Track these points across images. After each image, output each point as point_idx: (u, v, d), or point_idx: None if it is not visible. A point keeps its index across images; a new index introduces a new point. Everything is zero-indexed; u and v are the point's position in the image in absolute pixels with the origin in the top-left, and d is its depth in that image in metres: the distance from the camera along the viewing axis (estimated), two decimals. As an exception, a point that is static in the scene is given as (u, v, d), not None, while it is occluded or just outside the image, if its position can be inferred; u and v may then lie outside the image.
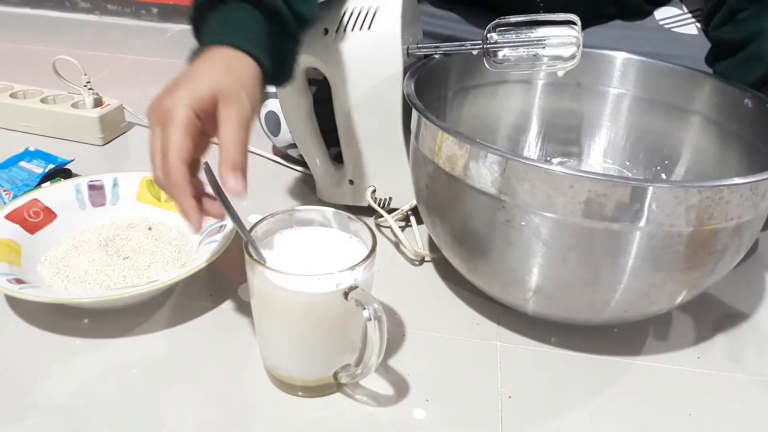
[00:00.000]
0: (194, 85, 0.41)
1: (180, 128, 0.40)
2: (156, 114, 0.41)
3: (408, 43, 0.59)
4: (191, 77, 0.42)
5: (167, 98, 0.40)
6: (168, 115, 0.40)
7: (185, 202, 0.41)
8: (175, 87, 0.41)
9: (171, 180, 0.40)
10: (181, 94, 0.40)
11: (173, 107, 0.40)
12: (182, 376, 0.47)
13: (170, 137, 0.40)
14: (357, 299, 0.40)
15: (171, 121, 0.40)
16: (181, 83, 0.41)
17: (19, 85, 0.85)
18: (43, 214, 0.58)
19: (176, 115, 0.40)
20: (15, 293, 0.47)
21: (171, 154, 0.40)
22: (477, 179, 0.44)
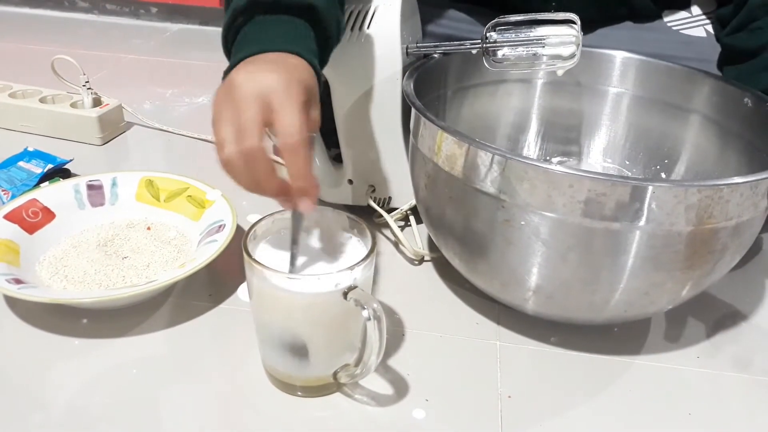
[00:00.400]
0: (300, 75, 0.40)
1: (302, 107, 0.39)
2: (262, 88, 0.39)
3: (407, 43, 0.58)
4: (289, 66, 0.41)
5: (275, 75, 0.39)
6: (285, 93, 0.39)
7: (311, 179, 0.40)
8: (275, 69, 0.40)
9: (300, 154, 0.38)
10: (293, 78, 0.39)
11: (291, 87, 0.39)
12: (182, 376, 0.47)
13: (295, 112, 0.38)
14: (356, 299, 0.40)
15: (291, 100, 0.38)
16: (280, 66, 0.40)
17: (18, 85, 0.85)
18: (42, 214, 0.58)
19: (298, 95, 0.39)
20: (14, 293, 0.47)
21: (301, 127, 0.38)
22: (476, 179, 0.44)
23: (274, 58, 0.42)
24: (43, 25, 1.30)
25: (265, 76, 0.39)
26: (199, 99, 0.97)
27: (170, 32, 1.30)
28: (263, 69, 0.40)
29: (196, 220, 0.59)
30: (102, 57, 1.12)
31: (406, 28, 0.58)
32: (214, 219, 0.58)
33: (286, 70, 0.40)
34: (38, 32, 1.26)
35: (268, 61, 0.42)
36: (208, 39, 1.28)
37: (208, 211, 0.59)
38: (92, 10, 1.36)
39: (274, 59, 0.42)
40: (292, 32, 0.45)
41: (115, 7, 1.35)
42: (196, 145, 0.82)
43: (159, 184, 0.62)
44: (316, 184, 0.41)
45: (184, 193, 0.61)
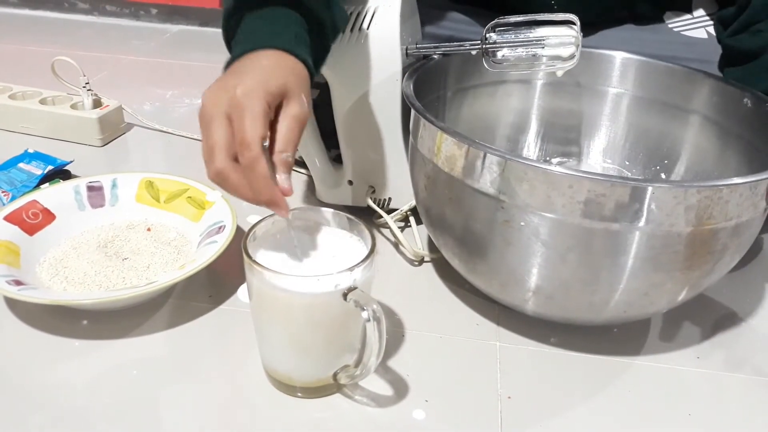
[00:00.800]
0: (265, 80, 0.41)
1: (260, 118, 0.39)
2: (223, 103, 0.40)
3: (407, 44, 0.59)
4: (258, 72, 0.41)
5: (237, 90, 0.39)
6: (243, 106, 0.39)
7: (271, 189, 0.40)
8: (240, 79, 0.40)
9: (256, 171, 0.39)
10: (254, 86, 0.40)
11: (248, 98, 0.39)
12: (182, 377, 0.47)
13: (250, 126, 0.39)
14: (356, 300, 0.40)
15: (248, 112, 0.39)
16: (248, 76, 0.41)
17: (18, 87, 0.85)
18: (42, 215, 0.58)
19: (254, 106, 0.39)
20: (14, 295, 0.47)
21: (254, 144, 0.39)
22: (476, 179, 0.44)
23: (246, 64, 0.42)
24: (43, 27, 1.30)
25: (224, 93, 0.40)
26: (199, 100, 0.96)
27: (170, 33, 1.30)
28: (225, 85, 0.41)
29: (196, 221, 0.59)
30: (102, 58, 1.12)
31: (405, 29, 0.58)
32: (214, 220, 0.58)
33: (250, 79, 0.40)
34: (38, 33, 1.26)
35: (235, 73, 0.42)
36: (208, 40, 1.28)
37: (208, 212, 0.59)
38: (92, 12, 1.36)
39: (243, 67, 0.42)
40: (272, 25, 0.45)
41: (115, 9, 1.35)
42: (196, 146, 0.81)
43: (159, 186, 0.62)
44: (279, 195, 0.41)
45: (184, 195, 0.61)
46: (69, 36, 1.25)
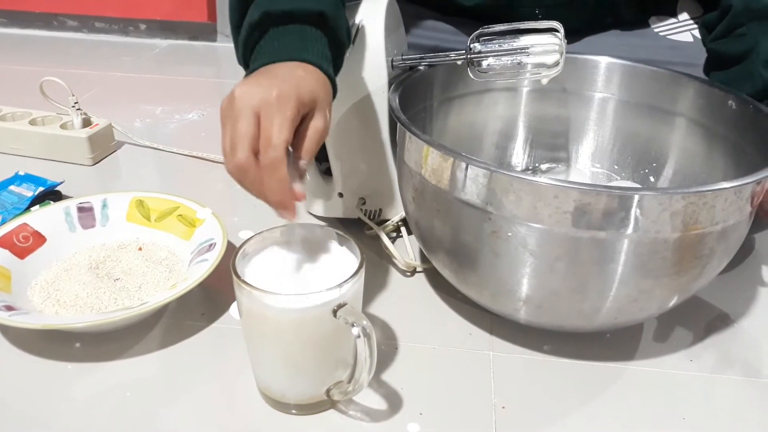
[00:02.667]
0: (300, 89, 0.41)
1: (289, 124, 0.40)
2: (256, 100, 0.40)
3: (392, 56, 0.59)
4: (293, 80, 0.42)
5: (273, 91, 0.40)
6: (275, 108, 0.40)
7: (287, 193, 0.41)
8: (276, 82, 0.41)
9: (276, 172, 0.40)
10: (288, 91, 0.41)
11: (282, 101, 0.40)
12: (176, 397, 0.47)
13: (278, 129, 0.40)
14: (345, 317, 0.40)
15: (280, 114, 0.40)
16: (284, 81, 0.41)
17: (8, 108, 0.85)
18: (33, 238, 0.58)
19: (286, 110, 0.40)
20: (5, 321, 0.47)
21: (280, 146, 0.40)
22: (462, 191, 0.45)
23: (281, 70, 0.43)
24: (32, 45, 1.30)
25: (259, 90, 0.41)
26: (189, 115, 0.97)
27: (159, 48, 1.30)
28: (260, 83, 0.41)
29: (186, 239, 0.59)
30: (92, 75, 1.12)
31: (390, 41, 0.59)
32: (204, 238, 0.58)
33: (285, 83, 0.41)
34: (28, 52, 1.26)
35: (270, 74, 0.43)
36: (197, 54, 1.29)
37: (199, 229, 0.59)
38: (81, 29, 1.36)
39: (278, 71, 0.43)
40: (303, 41, 0.46)
41: (104, 25, 1.35)
42: (188, 162, 0.82)
43: (149, 204, 0.62)
44: (290, 198, 0.41)
45: (174, 213, 0.61)
46: (59, 54, 1.26)
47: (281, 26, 0.46)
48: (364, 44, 0.57)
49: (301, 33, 0.46)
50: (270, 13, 0.46)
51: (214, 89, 1.12)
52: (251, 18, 0.47)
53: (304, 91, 0.42)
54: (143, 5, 1.29)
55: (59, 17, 1.35)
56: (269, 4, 0.47)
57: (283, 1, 0.47)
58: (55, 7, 1.33)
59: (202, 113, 0.98)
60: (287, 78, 0.42)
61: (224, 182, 0.76)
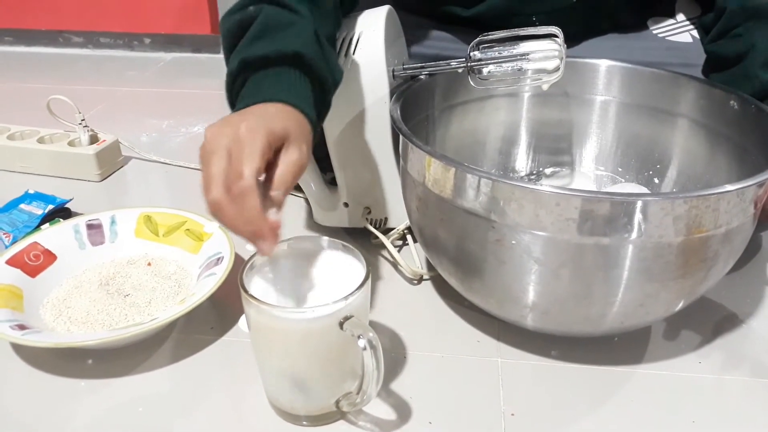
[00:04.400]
0: (269, 121, 0.42)
1: (258, 153, 0.40)
2: (226, 138, 0.41)
3: (393, 65, 0.59)
4: (264, 115, 0.43)
5: (241, 125, 0.41)
6: (244, 141, 0.40)
7: (260, 221, 0.41)
8: (245, 118, 0.42)
9: (246, 201, 0.40)
10: (258, 125, 0.41)
11: (250, 133, 0.41)
12: (187, 412, 0.47)
13: (247, 160, 0.40)
14: (352, 329, 0.40)
15: (249, 146, 0.40)
16: (253, 116, 0.42)
17: (16, 126, 0.86)
18: (44, 256, 0.59)
19: (255, 142, 0.40)
20: (18, 340, 0.48)
21: (249, 175, 0.40)
22: (465, 200, 0.45)
23: (252, 109, 0.44)
24: (38, 63, 1.32)
25: (228, 128, 0.41)
26: (195, 128, 0.98)
27: (164, 62, 1.32)
28: (230, 122, 0.42)
29: (195, 253, 0.60)
30: (98, 91, 1.14)
31: (391, 51, 0.59)
32: (212, 251, 0.58)
33: (254, 118, 0.42)
34: (34, 70, 1.28)
35: (240, 114, 0.43)
36: (202, 66, 1.30)
37: (207, 243, 0.60)
38: (86, 45, 1.37)
39: (249, 111, 0.43)
40: (278, 83, 0.46)
41: (109, 40, 1.37)
42: (195, 175, 0.83)
43: (157, 220, 0.63)
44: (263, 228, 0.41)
45: (182, 227, 0.62)
46: (65, 70, 1.27)
47: (261, 71, 0.47)
48: (365, 55, 0.58)
49: (278, 76, 0.46)
50: (247, 60, 0.47)
51: (219, 101, 1.12)
52: (231, 67, 0.48)
53: (274, 123, 0.42)
54: (147, 20, 1.30)
55: (64, 34, 1.37)
56: (246, 51, 0.47)
57: (260, 46, 0.47)
58: (60, 24, 1.34)
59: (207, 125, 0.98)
60: (256, 113, 0.43)
61: (231, 194, 0.77)
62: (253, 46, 0.47)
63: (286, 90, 0.45)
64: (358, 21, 0.59)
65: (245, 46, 0.48)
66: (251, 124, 0.41)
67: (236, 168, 0.40)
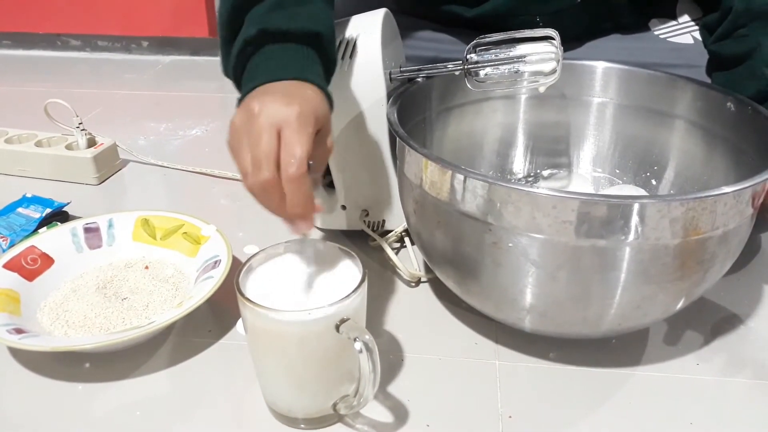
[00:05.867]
0: (315, 106, 0.43)
1: (310, 138, 0.41)
2: (277, 119, 0.41)
3: (390, 68, 0.59)
4: (307, 99, 0.43)
5: (293, 107, 0.41)
6: (298, 124, 0.41)
7: (311, 204, 0.42)
8: (293, 100, 0.42)
9: (301, 184, 0.40)
10: (308, 110, 0.42)
11: (303, 118, 0.41)
12: (185, 415, 0.47)
13: (301, 144, 0.40)
14: (348, 332, 0.40)
15: (303, 130, 0.41)
16: (299, 99, 0.42)
17: (14, 130, 0.86)
18: (41, 260, 0.59)
19: (308, 127, 0.41)
20: (15, 344, 0.48)
21: (304, 160, 0.40)
22: (462, 203, 0.45)
23: (291, 88, 0.44)
24: (37, 66, 1.32)
25: (279, 108, 0.41)
26: (193, 131, 0.98)
27: (162, 65, 1.32)
28: (278, 101, 0.42)
29: (192, 256, 0.60)
30: (96, 94, 1.14)
31: (387, 54, 0.59)
32: (209, 255, 0.58)
33: (301, 102, 0.42)
34: (32, 73, 1.28)
35: (284, 93, 0.43)
36: (200, 69, 1.30)
37: (204, 246, 0.60)
38: (84, 48, 1.37)
39: (290, 90, 0.44)
40: (302, 60, 0.47)
41: (107, 44, 1.37)
42: (192, 178, 0.83)
43: (155, 223, 0.63)
44: (312, 210, 0.42)
45: (179, 230, 0.62)
46: (62, 74, 1.27)
47: (278, 44, 0.47)
48: (362, 58, 0.57)
49: (298, 52, 0.47)
50: (267, 31, 0.47)
51: (217, 104, 1.12)
52: (247, 33, 0.47)
53: (319, 111, 0.43)
54: (145, 22, 1.30)
55: (62, 37, 1.37)
56: (265, 22, 0.47)
57: (281, 19, 0.47)
58: (58, 27, 1.34)
59: (205, 128, 0.98)
60: (302, 96, 0.43)
61: (228, 197, 0.77)
62: (274, 16, 0.47)
63: (310, 70, 0.46)
64: (355, 24, 0.59)
65: (263, 14, 0.48)
66: (304, 108, 0.41)
67: (290, 151, 0.40)
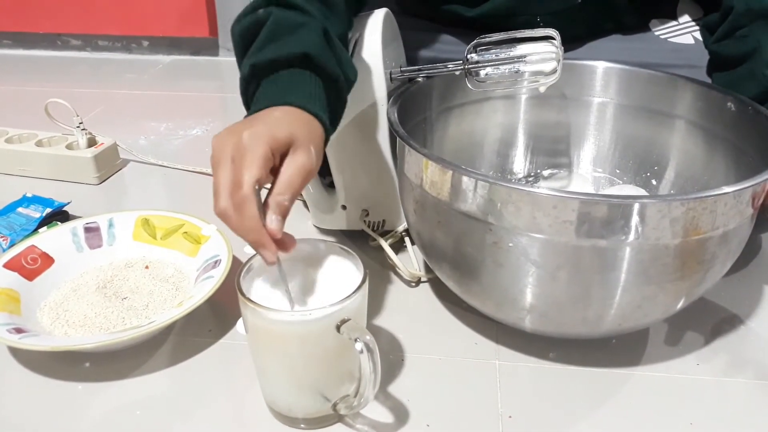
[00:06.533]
0: (273, 127, 0.42)
1: (258, 161, 0.40)
2: (229, 147, 0.41)
3: (390, 68, 0.59)
4: (268, 120, 0.43)
5: (243, 134, 0.41)
6: (246, 149, 0.40)
7: (258, 230, 0.41)
8: (249, 125, 0.42)
9: (245, 210, 0.40)
10: (260, 132, 0.41)
11: (252, 142, 0.41)
12: (185, 415, 0.47)
13: (247, 168, 0.40)
14: (349, 332, 0.40)
15: (250, 154, 0.40)
16: (257, 123, 0.42)
17: (14, 130, 0.86)
18: (41, 259, 0.59)
19: (256, 149, 0.40)
20: (15, 344, 0.48)
21: (246, 184, 0.40)
22: (462, 203, 0.45)
23: (257, 115, 0.44)
24: (37, 66, 1.32)
25: (230, 137, 0.41)
26: (194, 131, 0.98)
27: (162, 64, 1.32)
28: (234, 130, 0.42)
29: (192, 256, 0.60)
30: (96, 94, 1.14)
31: (388, 53, 0.59)
32: (210, 254, 0.58)
33: (257, 125, 0.42)
34: (33, 73, 1.28)
35: (247, 120, 0.43)
36: (200, 69, 1.30)
37: (204, 246, 0.60)
38: (85, 48, 1.37)
39: (254, 117, 0.43)
40: (288, 85, 0.46)
41: (107, 43, 1.37)
42: (193, 178, 0.83)
43: (155, 222, 0.63)
44: (266, 237, 0.41)
45: (180, 230, 0.62)
46: (63, 73, 1.27)
47: (272, 74, 0.47)
48: (363, 58, 0.58)
49: (289, 78, 0.46)
50: (257, 65, 0.47)
51: (217, 104, 1.13)
52: (243, 73, 0.48)
53: (278, 129, 0.42)
54: (145, 22, 1.30)
55: (63, 37, 1.37)
56: (257, 56, 0.47)
57: (270, 50, 0.47)
58: (58, 27, 1.34)
59: (206, 128, 0.98)
60: (261, 120, 0.43)
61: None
62: (264, 51, 0.47)
63: (293, 92, 0.45)
64: (356, 24, 0.59)
65: (256, 51, 0.48)
66: (254, 131, 0.41)
67: (236, 177, 0.40)
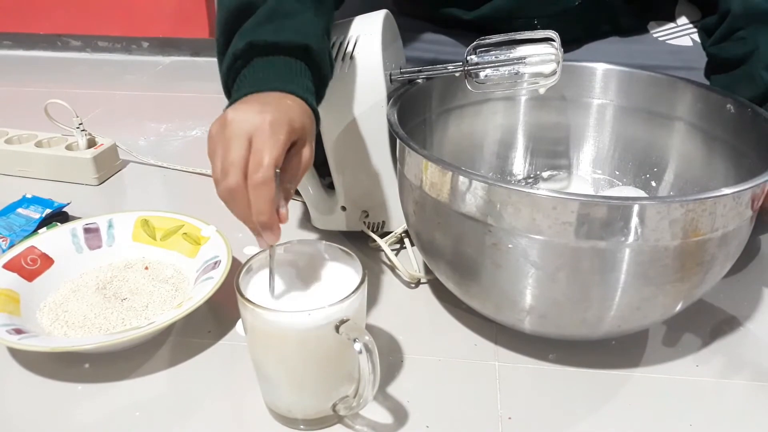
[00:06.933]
0: (290, 116, 0.42)
1: (281, 146, 0.41)
2: (248, 125, 0.41)
3: (390, 69, 0.59)
4: (283, 107, 0.43)
5: (266, 115, 0.41)
6: (268, 132, 0.41)
7: (273, 213, 0.41)
8: (269, 109, 0.42)
9: (264, 191, 0.40)
10: (282, 119, 0.42)
11: (275, 126, 0.41)
12: (184, 416, 0.47)
13: (269, 150, 0.40)
14: (348, 333, 0.40)
15: (273, 137, 0.41)
16: (275, 107, 0.42)
17: (14, 130, 0.86)
18: (41, 260, 0.59)
19: (279, 134, 0.41)
20: (15, 344, 0.48)
21: (270, 167, 0.40)
22: (462, 204, 0.45)
23: (270, 98, 0.44)
24: (37, 66, 1.32)
25: (252, 116, 0.41)
26: (193, 132, 0.98)
27: (162, 65, 1.32)
28: (254, 109, 0.42)
29: (192, 256, 0.60)
30: (96, 95, 1.14)
31: (388, 55, 0.59)
32: (209, 255, 0.58)
33: (277, 111, 0.42)
34: (33, 74, 1.28)
35: (261, 102, 0.43)
36: (200, 69, 1.30)
37: (204, 247, 0.60)
38: (85, 48, 1.37)
39: (269, 100, 0.44)
40: (288, 72, 0.47)
41: (107, 44, 1.37)
42: (193, 179, 0.83)
43: (155, 223, 0.63)
44: (277, 221, 0.42)
45: (179, 231, 0.62)
46: (63, 74, 1.27)
47: (266, 57, 0.47)
48: (362, 59, 0.58)
49: (286, 65, 0.47)
50: (255, 44, 0.47)
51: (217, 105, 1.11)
52: (236, 47, 0.48)
53: (296, 120, 0.43)
54: (145, 23, 1.30)
55: (63, 38, 1.37)
56: (254, 35, 0.47)
57: (269, 32, 0.47)
58: (58, 28, 1.34)
59: (205, 129, 0.98)
60: (278, 105, 0.43)
61: (228, 198, 0.77)
62: (261, 30, 0.47)
63: (296, 82, 0.46)
64: (355, 25, 0.59)
65: (252, 28, 0.48)
66: (276, 116, 0.41)
67: (258, 158, 0.40)
